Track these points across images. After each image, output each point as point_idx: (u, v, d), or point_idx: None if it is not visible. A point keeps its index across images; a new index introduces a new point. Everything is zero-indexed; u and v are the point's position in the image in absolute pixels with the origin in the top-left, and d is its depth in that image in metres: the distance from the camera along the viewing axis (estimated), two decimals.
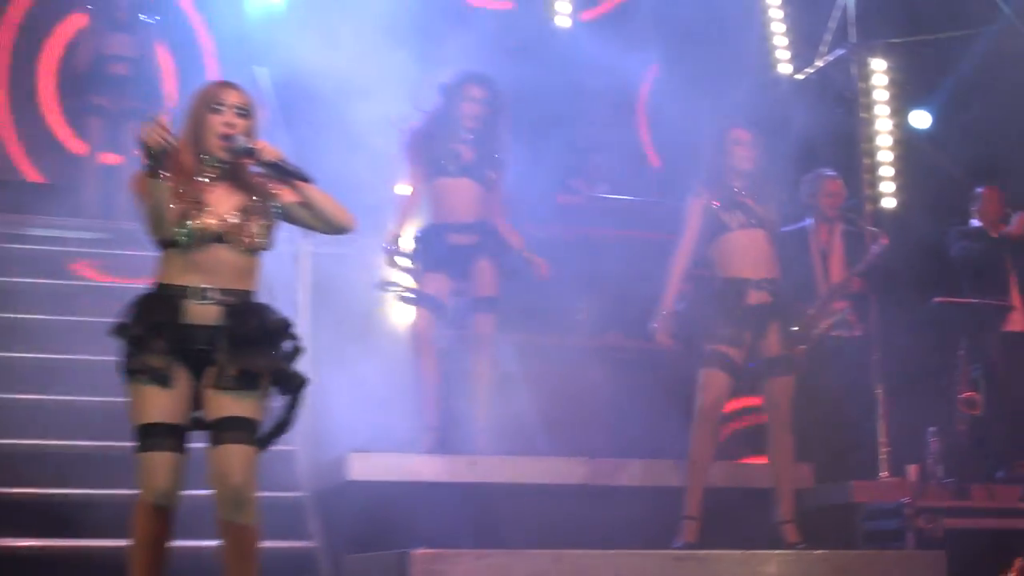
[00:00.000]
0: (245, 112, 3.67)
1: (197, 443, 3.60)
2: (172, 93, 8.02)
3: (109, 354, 3.67)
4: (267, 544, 4.97)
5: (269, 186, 3.70)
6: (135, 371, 3.52)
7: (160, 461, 3.47)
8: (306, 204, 3.74)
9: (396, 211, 5.71)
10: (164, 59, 8.18)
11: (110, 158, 7.73)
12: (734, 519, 5.46)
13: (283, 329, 3.65)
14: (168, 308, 3.55)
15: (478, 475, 5.40)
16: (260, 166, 3.70)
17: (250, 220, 3.61)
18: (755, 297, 5.23)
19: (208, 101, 3.69)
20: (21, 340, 5.98)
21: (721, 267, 5.30)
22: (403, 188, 5.77)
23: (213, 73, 8.55)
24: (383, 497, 5.19)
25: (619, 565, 4.82)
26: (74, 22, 8.41)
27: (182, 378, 3.53)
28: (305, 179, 3.72)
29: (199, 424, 3.58)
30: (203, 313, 3.55)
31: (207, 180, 3.62)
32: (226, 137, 3.66)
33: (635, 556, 4.89)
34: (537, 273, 5.74)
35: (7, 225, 7.06)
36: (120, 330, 3.54)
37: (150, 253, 3.74)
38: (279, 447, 5.48)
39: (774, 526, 5.29)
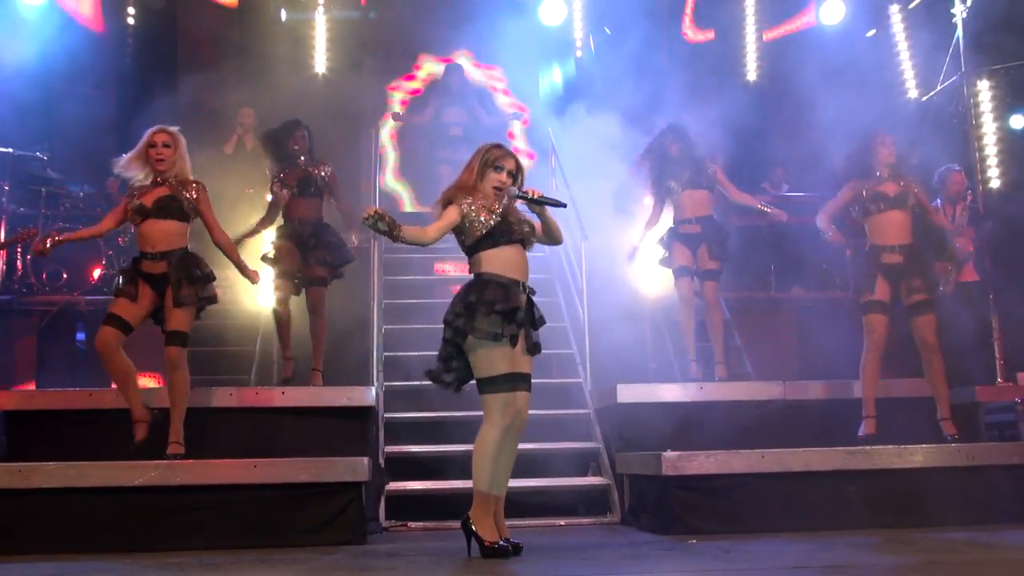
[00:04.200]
0: (513, 175, 4.75)
1: None
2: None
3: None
4: (569, 445, 6.83)
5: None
6: (506, 336, 4.54)
7: (518, 396, 4.61)
8: (546, 229, 4.82)
9: (645, 223, 7.48)
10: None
11: None
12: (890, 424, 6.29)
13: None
14: (511, 294, 4.61)
15: (704, 396, 6.65)
16: (529, 204, 4.71)
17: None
18: (889, 258, 6.28)
19: (492, 161, 4.74)
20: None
21: (870, 237, 6.39)
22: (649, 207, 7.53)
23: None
24: (639, 413, 6.47)
25: (808, 458, 5.70)
26: None
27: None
28: (563, 205, 4.83)
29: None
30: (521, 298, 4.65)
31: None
32: (499, 189, 4.71)
33: (819, 452, 5.75)
34: (778, 218, 7.35)
35: None
36: (495, 307, 4.50)
37: None
38: (576, 379, 7.27)
39: (938, 422, 6.18)
